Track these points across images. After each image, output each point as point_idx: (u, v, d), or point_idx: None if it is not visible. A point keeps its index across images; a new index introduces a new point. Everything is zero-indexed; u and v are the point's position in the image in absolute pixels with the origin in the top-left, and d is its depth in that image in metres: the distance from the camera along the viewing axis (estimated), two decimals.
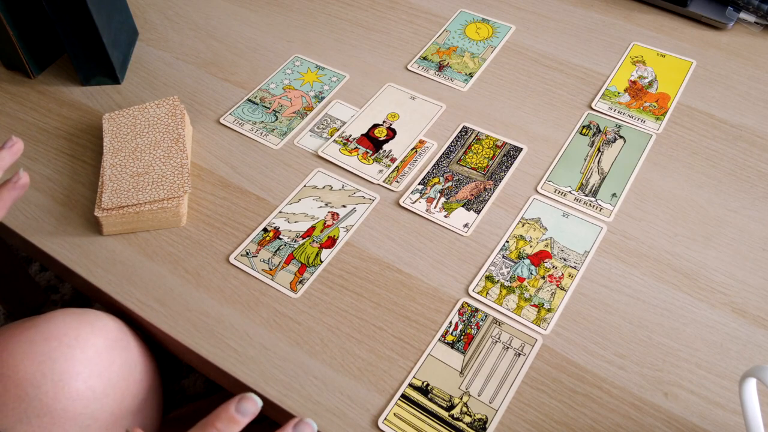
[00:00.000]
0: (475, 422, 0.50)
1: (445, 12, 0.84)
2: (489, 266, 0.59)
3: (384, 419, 0.50)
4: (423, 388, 0.52)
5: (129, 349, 0.56)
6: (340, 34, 0.81)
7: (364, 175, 0.66)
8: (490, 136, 0.69)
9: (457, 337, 0.54)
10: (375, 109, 0.72)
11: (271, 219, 0.63)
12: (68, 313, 0.55)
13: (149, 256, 0.60)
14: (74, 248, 0.61)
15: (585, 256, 0.59)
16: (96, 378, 0.52)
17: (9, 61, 0.76)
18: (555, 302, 0.56)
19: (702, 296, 0.57)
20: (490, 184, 0.65)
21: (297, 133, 0.70)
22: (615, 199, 0.63)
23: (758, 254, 0.59)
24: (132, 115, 0.67)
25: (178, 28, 0.82)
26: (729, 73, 0.75)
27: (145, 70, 0.77)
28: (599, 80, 0.75)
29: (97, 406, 0.52)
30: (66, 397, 0.50)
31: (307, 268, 0.59)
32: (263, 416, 0.47)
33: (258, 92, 0.74)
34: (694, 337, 0.54)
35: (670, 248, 0.60)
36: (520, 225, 0.61)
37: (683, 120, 0.70)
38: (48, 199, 0.64)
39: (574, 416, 0.50)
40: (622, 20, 0.82)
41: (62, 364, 0.50)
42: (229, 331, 0.55)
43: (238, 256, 0.60)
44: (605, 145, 0.68)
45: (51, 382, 0.50)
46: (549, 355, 0.53)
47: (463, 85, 0.74)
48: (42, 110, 0.73)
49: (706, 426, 0.50)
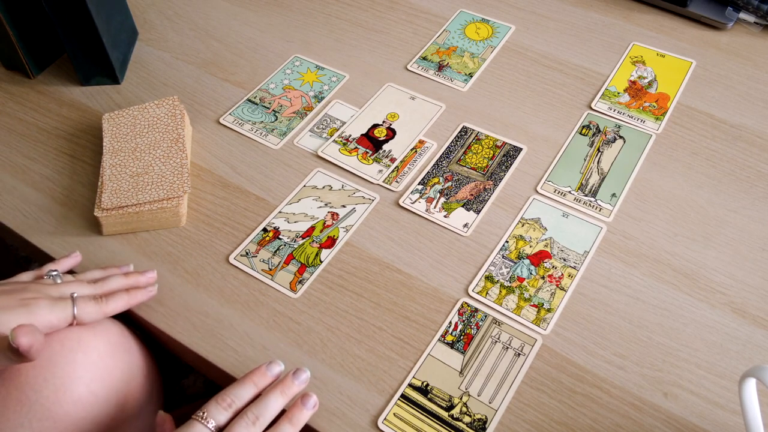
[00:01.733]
0: (475, 422, 0.50)
1: (445, 12, 0.84)
2: (489, 266, 0.59)
3: (384, 419, 0.50)
4: (423, 388, 0.52)
5: (131, 352, 0.56)
6: (340, 34, 0.81)
7: (364, 175, 0.66)
8: (489, 136, 0.69)
9: (456, 337, 0.54)
10: (375, 109, 0.72)
11: (270, 219, 0.63)
12: None
13: (149, 256, 0.60)
14: (74, 248, 0.60)
15: (585, 256, 0.59)
16: (98, 382, 0.52)
17: (9, 61, 0.76)
18: (555, 302, 0.56)
19: (702, 296, 0.57)
20: (490, 184, 0.65)
21: (297, 133, 0.70)
22: (615, 199, 0.63)
23: (758, 254, 0.59)
24: (132, 115, 0.67)
25: (178, 28, 0.82)
26: (729, 73, 0.75)
27: (145, 70, 0.77)
28: (599, 80, 0.75)
29: (98, 410, 0.52)
30: (68, 402, 0.50)
31: (307, 268, 0.59)
32: None
33: (258, 92, 0.74)
34: (693, 337, 0.54)
35: (669, 248, 0.60)
36: (520, 225, 0.62)
37: (683, 120, 0.70)
38: (48, 199, 0.64)
39: (574, 416, 0.50)
40: (621, 20, 0.82)
41: (64, 368, 0.50)
42: (228, 331, 0.55)
43: (237, 256, 0.60)
44: (605, 145, 0.68)
45: (53, 386, 0.50)
46: (549, 355, 0.53)
47: (463, 85, 0.74)
48: (42, 110, 0.73)
49: (705, 426, 0.50)
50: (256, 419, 0.46)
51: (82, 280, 0.55)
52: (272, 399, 0.47)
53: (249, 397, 0.48)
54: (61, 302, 0.50)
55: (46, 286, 0.52)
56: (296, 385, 0.50)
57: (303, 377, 0.50)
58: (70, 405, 0.50)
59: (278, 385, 0.49)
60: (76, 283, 0.53)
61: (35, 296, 0.49)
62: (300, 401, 0.49)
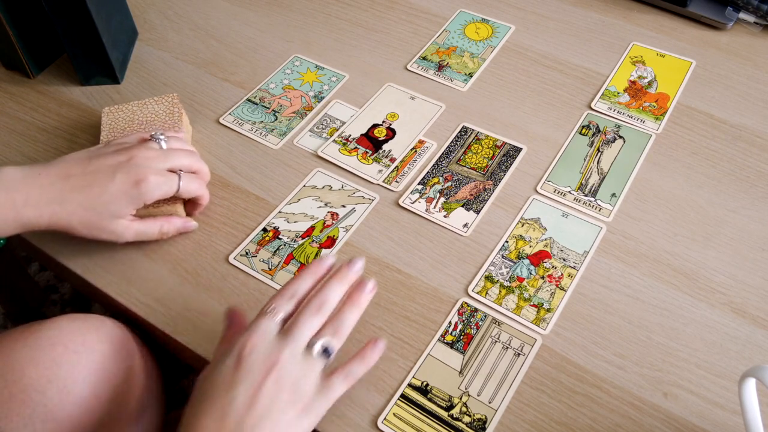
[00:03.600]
0: (475, 422, 0.50)
1: (445, 12, 0.84)
2: (488, 266, 0.59)
3: (383, 419, 0.50)
4: (422, 388, 0.52)
5: (133, 355, 0.56)
6: (340, 34, 0.81)
7: (364, 175, 0.66)
8: (489, 136, 0.69)
9: (456, 337, 0.54)
10: (374, 109, 0.72)
11: (270, 219, 0.63)
12: (74, 318, 0.54)
13: (149, 256, 0.60)
14: (73, 248, 0.60)
15: (584, 256, 0.59)
16: (101, 384, 0.52)
17: (8, 60, 0.76)
18: (554, 302, 0.56)
19: (701, 296, 0.57)
20: (490, 184, 0.65)
21: (296, 133, 0.70)
22: (614, 199, 0.63)
23: (758, 254, 0.59)
24: (131, 110, 0.66)
25: (178, 28, 0.82)
26: (728, 73, 0.75)
27: (145, 70, 0.77)
28: (599, 80, 0.75)
29: (101, 412, 0.52)
30: (71, 403, 0.50)
31: None
32: None
33: (257, 92, 0.74)
34: (693, 337, 0.54)
35: (669, 248, 0.60)
36: (520, 225, 0.62)
37: (683, 120, 0.70)
38: None
39: (574, 416, 0.50)
40: (621, 20, 0.82)
41: (68, 369, 0.50)
42: None
43: (237, 256, 0.60)
44: (605, 145, 0.68)
45: (56, 387, 0.50)
46: (548, 355, 0.53)
47: (463, 85, 0.74)
48: (41, 110, 0.73)
49: (705, 426, 0.50)
50: (320, 307, 0.48)
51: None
52: (332, 287, 0.49)
53: (309, 288, 0.50)
54: (169, 177, 0.56)
55: (153, 157, 0.56)
56: (352, 273, 0.51)
57: (358, 265, 0.51)
58: (73, 406, 0.50)
59: (335, 275, 0.50)
60: (179, 152, 0.58)
61: (144, 173, 0.54)
62: (359, 286, 0.50)
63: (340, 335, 0.48)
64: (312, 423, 0.45)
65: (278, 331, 0.47)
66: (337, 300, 0.49)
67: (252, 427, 0.42)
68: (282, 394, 0.44)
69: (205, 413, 0.43)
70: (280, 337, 0.46)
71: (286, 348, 0.45)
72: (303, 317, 0.47)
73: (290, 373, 0.45)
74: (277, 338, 0.46)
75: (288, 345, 0.46)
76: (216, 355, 0.48)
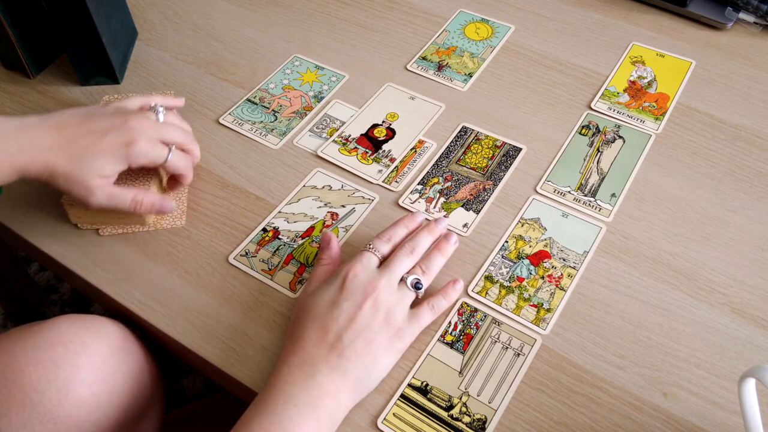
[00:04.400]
0: (475, 422, 0.50)
1: (445, 12, 0.84)
2: (488, 266, 0.59)
3: (383, 419, 0.50)
4: (422, 388, 0.52)
5: (133, 355, 0.56)
6: (340, 33, 0.81)
7: (364, 175, 0.66)
8: (489, 136, 0.69)
9: (456, 336, 0.54)
10: (374, 109, 0.72)
11: (270, 219, 0.63)
12: (74, 319, 0.55)
13: (148, 256, 0.60)
14: (73, 248, 0.61)
15: (584, 256, 0.59)
16: (100, 385, 0.52)
17: (8, 60, 0.76)
18: (554, 302, 0.56)
19: (701, 296, 0.57)
20: (490, 184, 0.65)
21: (296, 133, 0.70)
22: (614, 199, 0.63)
23: (757, 254, 0.59)
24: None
25: (178, 28, 0.82)
26: (728, 73, 0.75)
27: (145, 70, 0.77)
28: (598, 80, 0.75)
29: (101, 413, 0.52)
30: (70, 404, 0.50)
31: (307, 267, 0.59)
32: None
33: (257, 92, 0.74)
34: (693, 337, 0.54)
35: (669, 248, 0.60)
36: (520, 225, 0.62)
37: (682, 120, 0.70)
38: (47, 199, 0.64)
39: (574, 416, 0.50)
40: (621, 20, 0.82)
41: (67, 370, 0.50)
42: (228, 331, 0.55)
43: (237, 256, 0.60)
44: (604, 145, 0.68)
45: (55, 388, 0.50)
46: (548, 355, 0.53)
47: (463, 85, 0.74)
48: (41, 110, 0.73)
49: (705, 426, 0.50)
50: (412, 249, 0.55)
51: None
52: (423, 236, 0.57)
53: (403, 236, 0.57)
54: (159, 146, 0.57)
55: (147, 125, 0.57)
56: (440, 227, 0.58)
57: (445, 222, 0.59)
58: (72, 407, 0.50)
59: (425, 227, 0.58)
60: (174, 127, 0.59)
61: (136, 137, 0.55)
62: (445, 237, 0.58)
63: (429, 275, 0.55)
64: (402, 347, 0.52)
65: (377, 265, 0.54)
66: (426, 246, 0.56)
67: (350, 341, 0.48)
68: (378, 316, 0.50)
69: (312, 325, 0.50)
70: (379, 269, 0.53)
71: (384, 278, 0.52)
72: (398, 256, 0.54)
73: (386, 299, 0.51)
74: (377, 270, 0.53)
75: (385, 276, 0.52)
76: (313, 276, 0.55)
